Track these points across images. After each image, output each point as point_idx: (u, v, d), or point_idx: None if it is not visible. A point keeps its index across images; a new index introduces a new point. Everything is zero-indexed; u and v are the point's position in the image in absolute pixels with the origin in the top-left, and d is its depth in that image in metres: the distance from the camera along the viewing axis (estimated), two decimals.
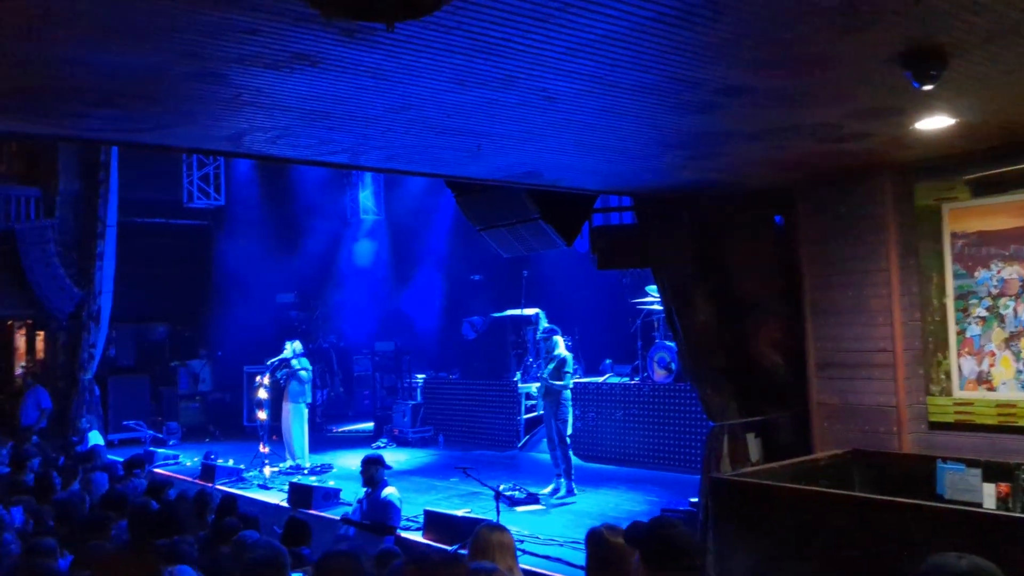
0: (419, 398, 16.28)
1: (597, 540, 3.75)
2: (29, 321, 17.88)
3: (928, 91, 4.32)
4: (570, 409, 10.55)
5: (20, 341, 18.64)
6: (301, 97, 4.45)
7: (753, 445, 7.60)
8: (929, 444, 6.58)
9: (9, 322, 18.11)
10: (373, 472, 8.08)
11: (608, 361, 15.08)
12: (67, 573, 5.05)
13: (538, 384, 11.45)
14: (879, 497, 5.38)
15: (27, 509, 7.28)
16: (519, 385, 14.49)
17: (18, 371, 18.48)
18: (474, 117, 4.98)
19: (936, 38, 3.96)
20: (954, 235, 6.58)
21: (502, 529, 4.73)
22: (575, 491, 10.28)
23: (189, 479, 12.15)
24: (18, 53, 3.77)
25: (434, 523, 8.60)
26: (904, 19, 3.69)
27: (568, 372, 10.43)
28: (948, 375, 6.57)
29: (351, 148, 5.67)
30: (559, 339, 10.74)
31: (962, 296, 6.52)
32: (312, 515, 9.67)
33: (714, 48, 3.99)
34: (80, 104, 4.60)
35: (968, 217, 6.50)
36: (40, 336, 17.65)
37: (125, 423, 16.12)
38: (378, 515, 7.90)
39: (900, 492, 5.64)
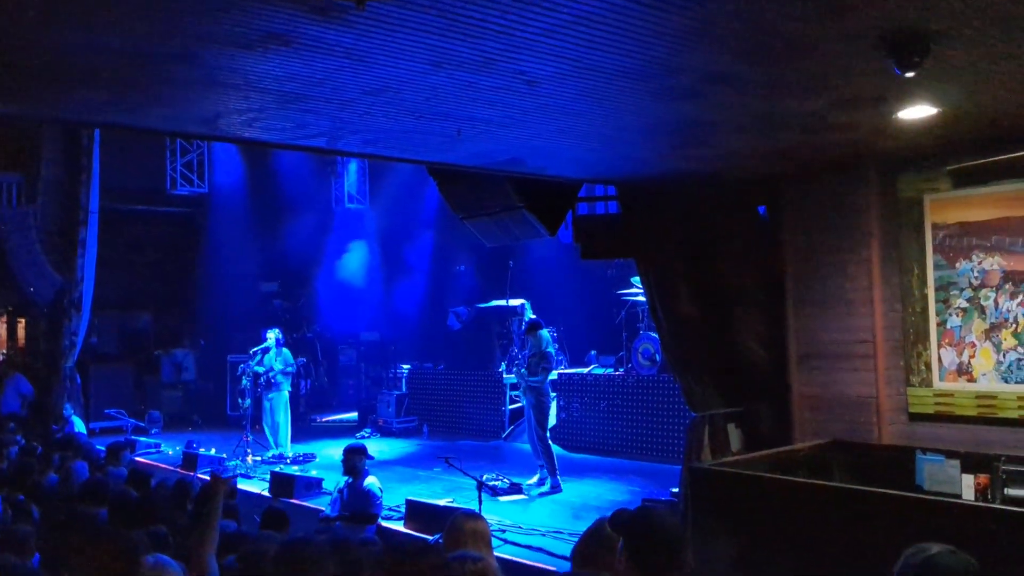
0: (404, 388, 16.24)
1: (597, 529, 3.71)
2: (10, 308, 17.70)
3: (910, 78, 4.29)
4: (553, 402, 10.46)
5: (1, 329, 18.46)
6: (275, 79, 4.38)
7: (734, 435, 7.59)
8: (909, 435, 6.58)
9: None
10: (355, 462, 8.02)
11: (593, 352, 15.08)
12: (39, 568, 4.98)
13: (514, 376, 11.37)
14: (857, 487, 5.37)
15: (6, 498, 7.19)
16: (504, 376, 14.46)
17: None
18: (453, 101, 4.92)
19: (918, 24, 3.92)
20: (935, 226, 6.58)
21: (477, 517, 4.68)
22: (560, 486, 10.21)
23: (171, 468, 12.07)
24: None
25: (416, 513, 8.56)
26: (886, 3, 3.65)
27: (546, 368, 10.34)
28: (928, 366, 6.57)
29: (328, 132, 5.60)
30: (546, 334, 10.66)
31: (943, 287, 6.52)
32: (294, 504, 9.61)
33: (695, 33, 3.94)
34: (56, 84, 4.54)
35: (949, 208, 6.50)
36: (21, 324, 17.47)
37: (107, 412, 15.99)
38: (359, 504, 7.86)
39: (879, 483, 5.62)
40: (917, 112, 5.45)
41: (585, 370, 14.18)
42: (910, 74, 4.20)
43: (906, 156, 6.61)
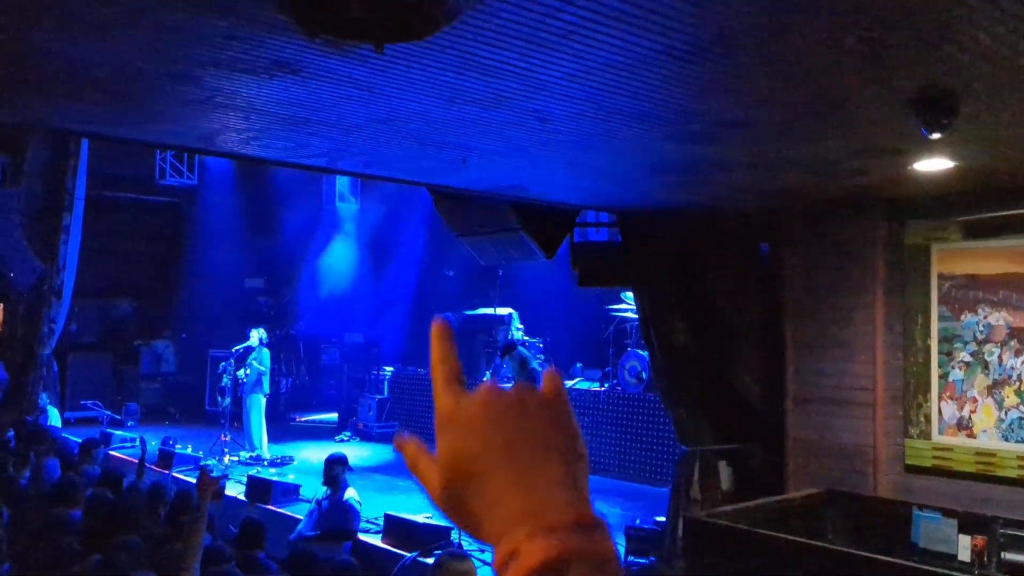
0: (386, 392, 15.97)
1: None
2: None
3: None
4: None
5: None
6: (279, 103, 4.20)
7: (725, 473, 7.46)
8: (905, 487, 6.46)
9: None
10: (336, 473, 7.86)
11: (579, 365, 14.90)
12: None
13: None
14: (852, 551, 5.23)
15: None
16: None
17: None
18: (461, 133, 4.76)
19: (950, 87, 3.79)
20: (941, 276, 6.45)
21: (463, 557, 4.60)
22: None
23: (146, 465, 11.81)
24: None
25: (394, 528, 8.39)
26: (922, 68, 3.52)
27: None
28: (928, 418, 6.45)
29: (329, 153, 5.42)
30: (524, 351, 10.54)
31: (946, 339, 6.40)
32: (271, 511, 9.43)
33: (722, 83, 3.80)
34: (49, 95, 4.34)
35: (958, 259, 6.38)
36: (0, 308, 17.15)
37: (83, 403, 15.69)
38: (338, 518, 7.71)
39: (874, 537, 5.52)
40: (934, 164, 5.34)
41: (570, 383, 14.02)
42: (936, 136, 4.07)
43: (916, 203, 6.50)
